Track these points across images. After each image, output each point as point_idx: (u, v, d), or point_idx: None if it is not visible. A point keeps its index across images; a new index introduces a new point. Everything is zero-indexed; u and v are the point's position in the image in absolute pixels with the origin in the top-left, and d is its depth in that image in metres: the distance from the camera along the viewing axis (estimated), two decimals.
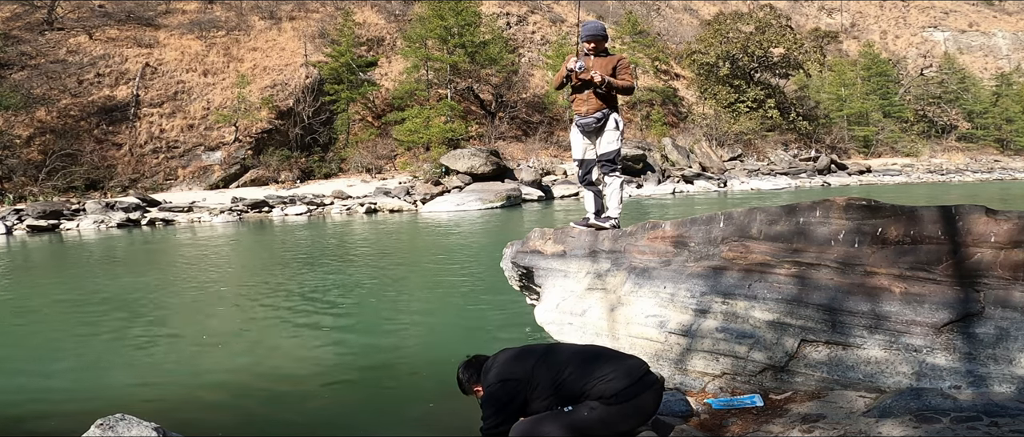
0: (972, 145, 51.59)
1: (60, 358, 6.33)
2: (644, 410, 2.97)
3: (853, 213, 3.76)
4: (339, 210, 24.51)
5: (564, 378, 2.99)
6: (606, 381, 2.92)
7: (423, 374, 5.50)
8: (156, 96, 33.40)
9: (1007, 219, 3.30)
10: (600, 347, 3.46)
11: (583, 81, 5.30)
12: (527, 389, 3.01)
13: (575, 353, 3.14)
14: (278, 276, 10.50)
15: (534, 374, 3.02)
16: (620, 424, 2.92)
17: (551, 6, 51.01)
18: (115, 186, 28.97)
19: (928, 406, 2.85)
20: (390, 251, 13.82)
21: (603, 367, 2.99)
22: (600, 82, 5.21)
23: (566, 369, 3.02)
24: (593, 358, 3.08)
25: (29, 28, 35.12)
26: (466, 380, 3.26)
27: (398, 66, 39.42)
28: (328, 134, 35.32)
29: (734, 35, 44.00)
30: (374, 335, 6.86)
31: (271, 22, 40.24)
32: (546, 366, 3.04)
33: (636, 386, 2.92)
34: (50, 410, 4.90)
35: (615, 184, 5.49)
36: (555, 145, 37.36)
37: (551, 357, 3.10)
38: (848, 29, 65.34)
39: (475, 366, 3.24)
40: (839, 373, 3.46)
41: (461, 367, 3.29)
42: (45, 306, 9.03)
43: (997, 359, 3.12)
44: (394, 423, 4.47)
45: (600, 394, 2.91)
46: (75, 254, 15.45)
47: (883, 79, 51.36)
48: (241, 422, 4.56)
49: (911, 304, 3.39)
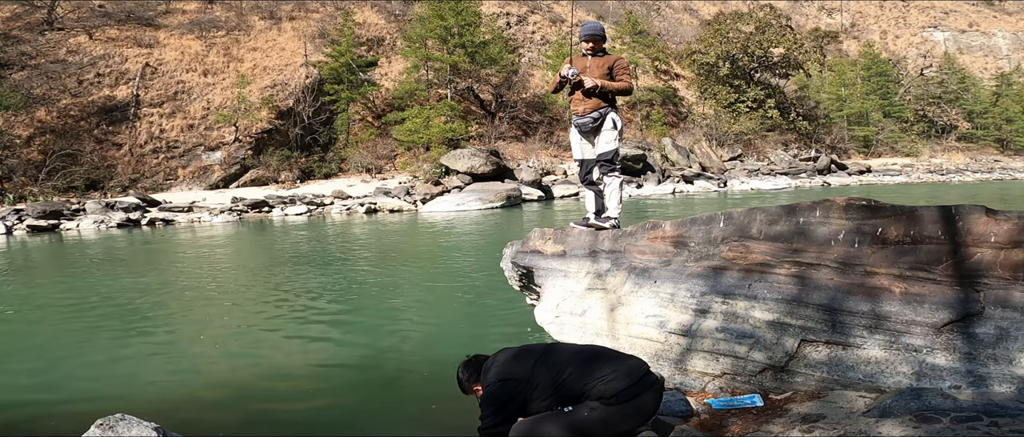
0: (972, 145, 51.58)
1: (60, 358, 6.33)
2: (644, 410, 2.97)
3: (853, 213, 3.76)
4: (339, 210, 24.50)
5: (564, 378, 2.99)
6: (606, 381, 2.92)
7: (423, 374, 5.49)
8: (156, 96, 33.40)
9: (1007, 219, 3.30)
10: (600, 347, 3.46)
11: (577, 85, 5.35)
12: (527, 389, 3.01)
13: (575, 353, 3.14)
14: (278, 276, 10.50)
15: (534, 374, 3.02)
16: (620, 424, 2.92)
17: (551, 6, 51.01)
18: (115, 186, 28.97)
19: (928, 406, 2.85)
20: (390, 251, 13.81)
21: (603, 367, 2.99)
22: (592, 87, 5.26)
23: (566, 369, 3.02)
24: (593, 358, 3.08)
25: (29, 28, 35.12)
26: (466, 379, 3.26)
27: (398, 66, 39.43)
28: (328, 134, 35.32)
29: (734, 35, 44.00)
30: (374, 335, 6.86)
31: (271, 22, 40.25)
32: (546, 366, 3.04)
33: (636, 386, 2.93)
34: (50, 410, 4.90)
35: (614, 184, 5.50)
36: (555, 145, 37.36)
37: (551, 357, 3.10)
38: (848, 29, 65.35)
39: (475, 366, 3.24)
40: (839, 373, 3.45)
41: (461, 367, 3.30)
42: (45, 306, 9.02)
43: (997, 359, 3.12)
44: (394, 423, 4.47)
45: (600, 394, 2.91)
46: (75, 254, 15.45)
47: (883, 79, 51.36)
48: (241, 422, 4.56)
49: (911, 304, 3.38)
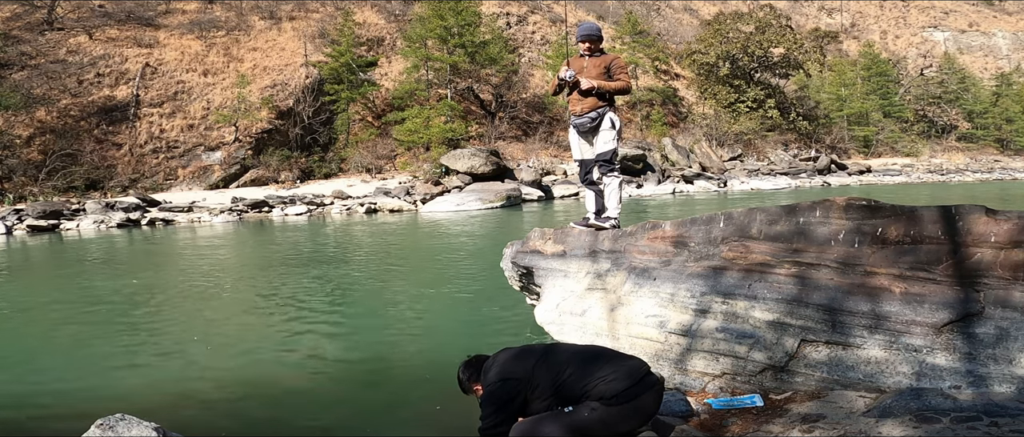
0: (972, 145, 51.57)
1: (60, 358, 6.33)
2: (645, 411, 2.97)
3: (853, 213, 3.76)
4: (339, 210, 24.50)
5: (564, 378, 2.99)
6: (607, 382, 2.92)
7: (423, 374, 5.49)
8: (156, 96, 33.39)
9: (1007, 219, 3.30)
10: (601, 347, 3.46)
11: (575, 86, 5.42)
12: (527, 389, 3.01)
13: (575, 353, 3.14)
14: (278, 276, 10.50)
15: (534, 374, 3.02)
16: (620, 425, 2.92)
17: (551, 6, 51.00)
18: (115, 186, 28.96)
19: (928, 406, 2.85)
20: (390, 251, 13.81)
21: (604, 368, 2.98)
22: (588, 89, 5.34)
23: (566, 369, 3.01)
24: (593, 358, 3.07)
25: (29, 28, 35.11)
26: (466, 379, 3.26)
27: (398, 66, 39.42)
28: (328, 134, 35.31)
29: (734, 35, 43.98)
30: (374, 335, 6.86)
31: (271, 22, 40.24)
32: (546, 366, 3.04)
33: (637, 387, 2.92)
34: (50, 410, 4.90)
35: (613, 184, 5.50)
36: (555, 145, 37.34)
37: (551, 357, 3.10)
38: (848, 29, 65.32)
39: (475, 365, 3.24)
40: (839, 373, 3.45)
41: (461, 366, 3.30)
42: (45, 306, 9.02)
43: (997, 359, 3.12)
44: (394, 423, 4.47)
45: (601, 395, 2.91)
46: (75, 254, 15.45)
47: (883, 79, 51.33)
48: (241, 422, 4.56)
49: (911, 304, 3.38)
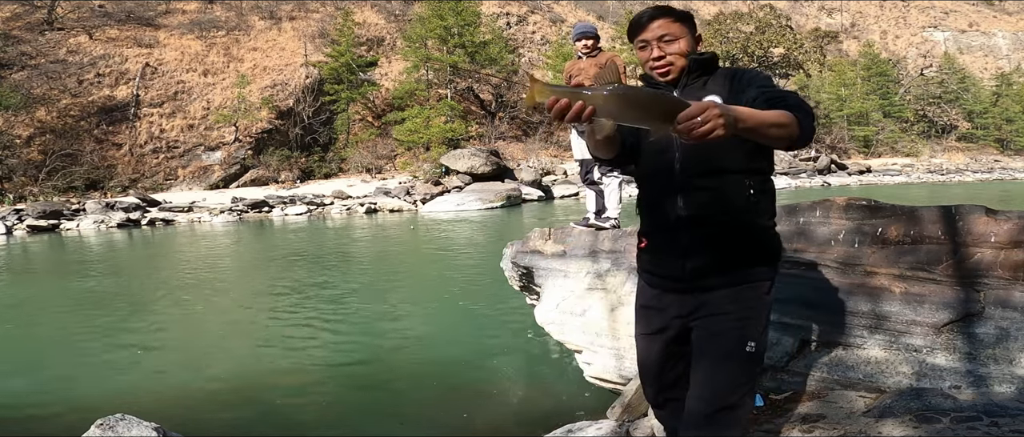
0: (972, 145, 51.60)
1: (60, 358, 6.32)
2: None
3: (853, 213, 3.76)
4: (339, 210, 24.50)
5: None
6: None
7: (423, 374, 5.49)
8: (156, 96, 33.40)
9: (1007, 219, 3.30)
10: None
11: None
12: None
13: None
14: (278, 276, 10.50)
15: None
16: None
17: (551, 6, 51.01)
18: (115, 186, 28.97)
19: (928, 406, 2.85)
20: (390, 251, 13.81)
21: None
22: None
23: None
24: None
25: (29, 28, 35.12)
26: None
27: (398, 66, 39.42)
28: (328, 134, 35.32)
29: (734, 35, 44.01)
30: (374, 335, 6.86)
31: (271, 22, 40.24)
32: None
33: None
34: (50, 410, 4.90)
35: (613, 184, 5.50)
36: (555, 145, 37.35)
37: None
38: (848, 29, 65.33)
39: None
40: (839, 373, 3.45)
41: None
42: (45, 306, 9.02)
43: (997, 359, 3.12)
44: (394, 423, 4.47)
45: None
46: (75, 254, 15.45)
47: (883, 79, 51.35)
48: (241, 422, 4.56)
49: (911, 304, 3.38)
